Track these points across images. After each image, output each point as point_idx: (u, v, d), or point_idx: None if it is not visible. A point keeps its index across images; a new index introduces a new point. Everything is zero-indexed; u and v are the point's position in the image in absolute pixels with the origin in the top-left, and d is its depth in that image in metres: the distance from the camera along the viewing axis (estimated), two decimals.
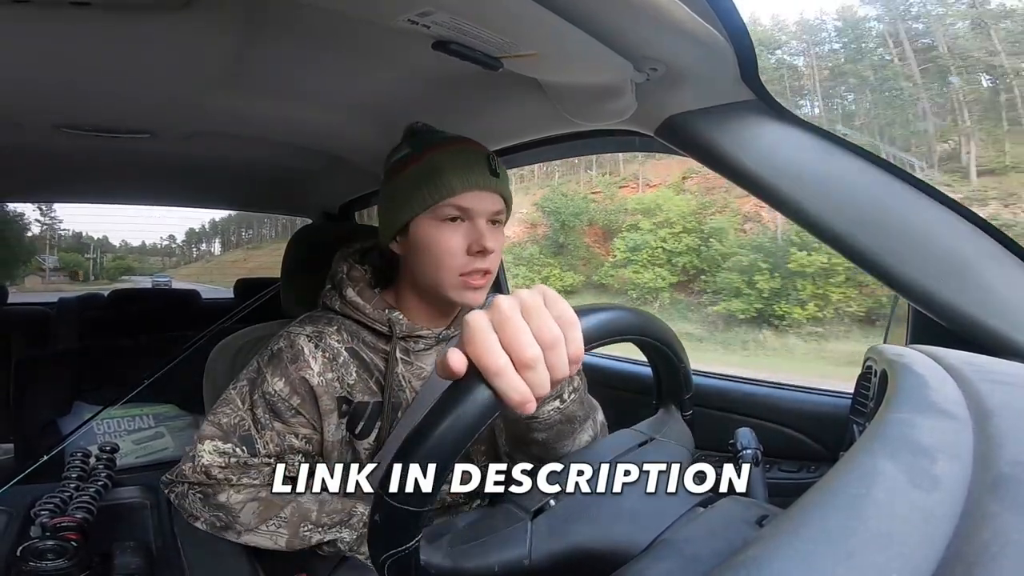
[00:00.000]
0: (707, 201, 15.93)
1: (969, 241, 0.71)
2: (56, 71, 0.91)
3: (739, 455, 0.76)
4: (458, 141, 0.86)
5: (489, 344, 0.41)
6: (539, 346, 0.42)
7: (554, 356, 0.42)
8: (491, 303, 0.44)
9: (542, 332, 0.42)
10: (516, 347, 0.41)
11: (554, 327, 0.43)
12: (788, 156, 0.78)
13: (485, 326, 0.42)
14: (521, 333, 0.42)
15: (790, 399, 1.21)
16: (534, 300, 0.44)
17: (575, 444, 0.77)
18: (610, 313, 0.50)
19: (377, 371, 0.89)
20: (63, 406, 2.10)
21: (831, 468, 0.35)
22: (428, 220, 0.83)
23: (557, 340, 0.42)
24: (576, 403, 0.74)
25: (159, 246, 32.38)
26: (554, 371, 0.42)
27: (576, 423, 0.75)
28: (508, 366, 0.41)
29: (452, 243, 0.82)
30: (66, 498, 0.95)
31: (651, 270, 14.76)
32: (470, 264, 0.82)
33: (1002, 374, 0.51)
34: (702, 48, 0.68)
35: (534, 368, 0.41)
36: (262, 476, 0.86)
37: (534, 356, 0.41)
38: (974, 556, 0.27)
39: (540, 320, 0.43)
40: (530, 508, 0.53)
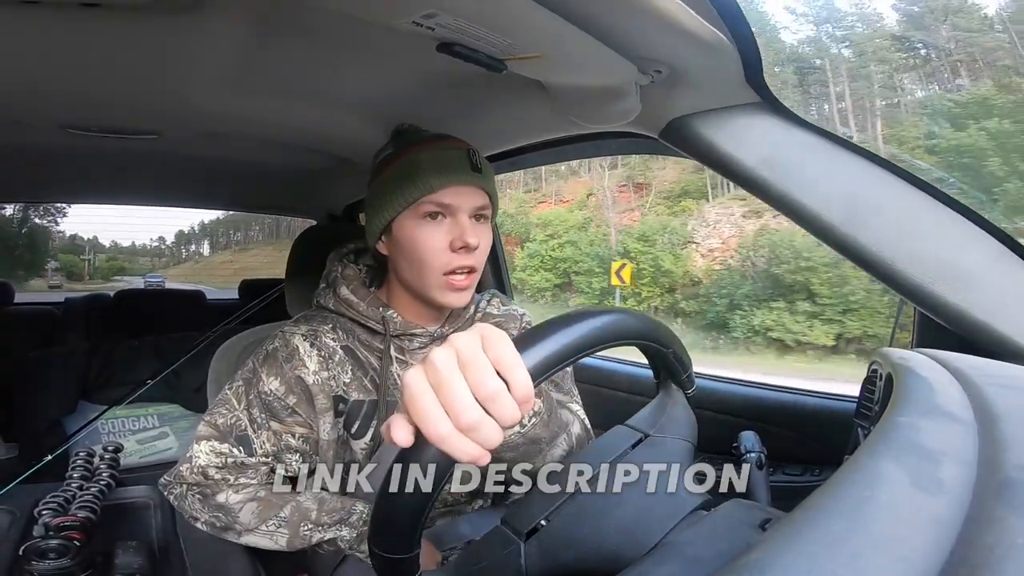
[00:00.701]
0: (591, 216, 19.22)
1: (975, 244, 0.71)
2: (64, 72, 0.92)
3: (743, 458, 0.76)
4: (439, 139, 0.86)
5: (427, 410, 0.40)
6: (479, 403, 0.39)
7: (497, 408, 0.39)
8: (427, 357, 0.42)
9: (480, 388, 0.39)
10: (453, 412, 0.39)
11: (491, 379, 0.40)
12: (793, 158, 0.78)
13: (423, 389, 0.40)
14: (457, 395, 0.39)
15: (794, 402, 1.21)
16: (470, 348, 0.41)
17: (544, 460, 0.77)
18: (558, 336, 0.45)
19: (372, 369, 0.89)
20: (68, 405, 2.12)
21: (835, 471, 0.35)
22: (410, 218, 0.83)
23: (497, 393, 0.39)
24: (539, 426, 0.73)
25: (148, 247, 32.41)
26: (502, 421, 0.40)
27: (542, 443, 0.75)
28: (451, 431, 0.39)
29: (434, 240, 0.82)
30: (69, 497, 0.96)
31: (540, 273, 17.62)
32: (454, 261, 0.82)
33: (1008, 378, 0.51)
34: (706, 50, 0.68)
35: (477, 429, 0.39)
36: (259, 476, 0.86)
37: (472, 421, 0.39)
38: (979, 560, 0.26)
39: (477, 373, 0.40)
40: (523, 530, 0.52)
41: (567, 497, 0.53)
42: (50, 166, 1.65)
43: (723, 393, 1.30)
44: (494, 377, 0.40)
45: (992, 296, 0.68)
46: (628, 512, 0.51)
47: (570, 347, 0.45)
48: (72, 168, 1.71)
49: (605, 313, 0.50)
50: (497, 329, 0.42)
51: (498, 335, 0.42)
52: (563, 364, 0.44)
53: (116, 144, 1.33)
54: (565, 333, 0.45)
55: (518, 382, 0.40)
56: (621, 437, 0.59)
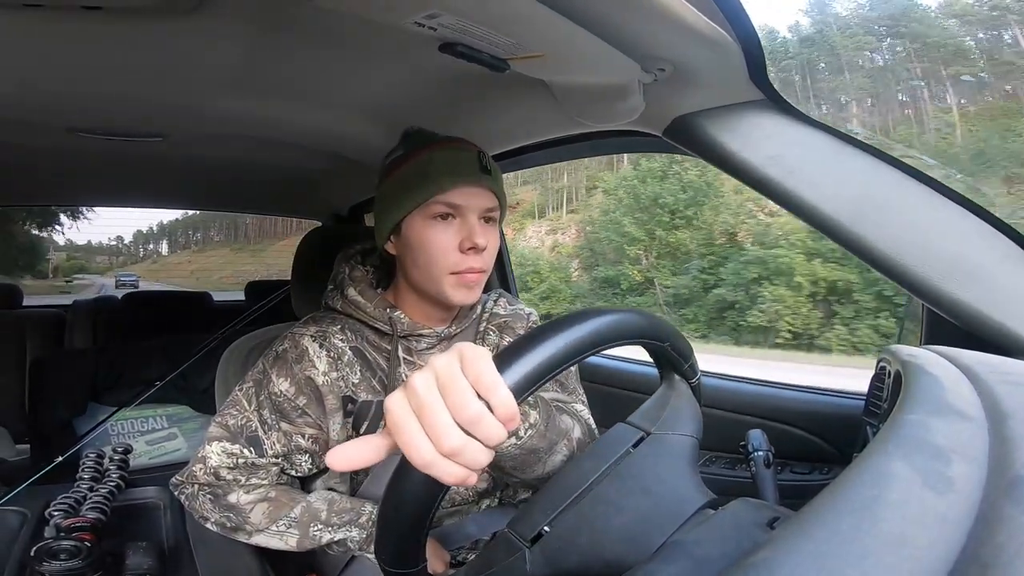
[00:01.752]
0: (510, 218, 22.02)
1: (984, 240, 0.70)
2: (68, 74, 0.92)
3: (750, 456, 0.75)
4: (449, 141, 0.86)
5: (410, 436, 0.39)
6: (461, 428, 0.39)
7: (481, 430, 0.39)
8: (408, 381, 0.41)
9: (460, 412, 0.39)
10: (435, 437, 0.39)
11: (472, 402, 0.39)
12: (798, 156, 0.77)
13: (405, 414, 0.40)
14: (438, 420, 0.39)
15: (802, 400, 1.20)
16: (448, 370, 0.40)
17: (545, 468, 0.77)
18: (541, 349, 0.44)
19: (380, 370, 0.89)
20: (78, 407, 2.13)
21: (844, 470, 0.34)
22: (419, 218, 0.83)
23: (478, 416, 0.39)
24: (536, 437, 0.73)
25: (105, 245, 32.40)
26: (487, 442, 0.39)
27: (540, 452, 0.75)
28: (435, 457, 0.39)
29: (443, 240, 0.82)
30: (80, 499, 0.96)
31: None
32: (463, 262, 0.83)
33: (1018, 375, 0.50)
34: (710, 48, 0.68)
35: (461, 453, 0.39)
36: (270, 476, 0.87)
37: (455, 446, 0.38)
38: (989, 559, 0.26)
39: (456, 396, 0.39)
40: (527, 536, 0.52)
41: (568, 503, 0.53)
42: (56, 169, 1.67)
43: (731, 391, 1.29)
44: (474, 400, 0.39)
45: (1001, 292, 0.68)
46: (629, 517, 0.51)
47: (555, 358, 0.44)
48: (77, 171, 1.72)
49: (591, 317, 0.49)
50: (476, 347, 0.41)
51: (477, 354, 0.41)
52: (548, 377, 0.43)
53: (121, 146, 1.34)
54: (549, 344, 0.44)
55: (499, 402, 0.39)
56: (622, 437, 0.58)
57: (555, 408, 0.83)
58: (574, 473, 0.56)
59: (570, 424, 0.82)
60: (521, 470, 0.76)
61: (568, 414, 0.85)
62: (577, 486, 0.54)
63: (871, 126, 15.05)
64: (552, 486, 0.56)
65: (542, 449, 0.74)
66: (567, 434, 0.79)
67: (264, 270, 29.26)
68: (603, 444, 0.59)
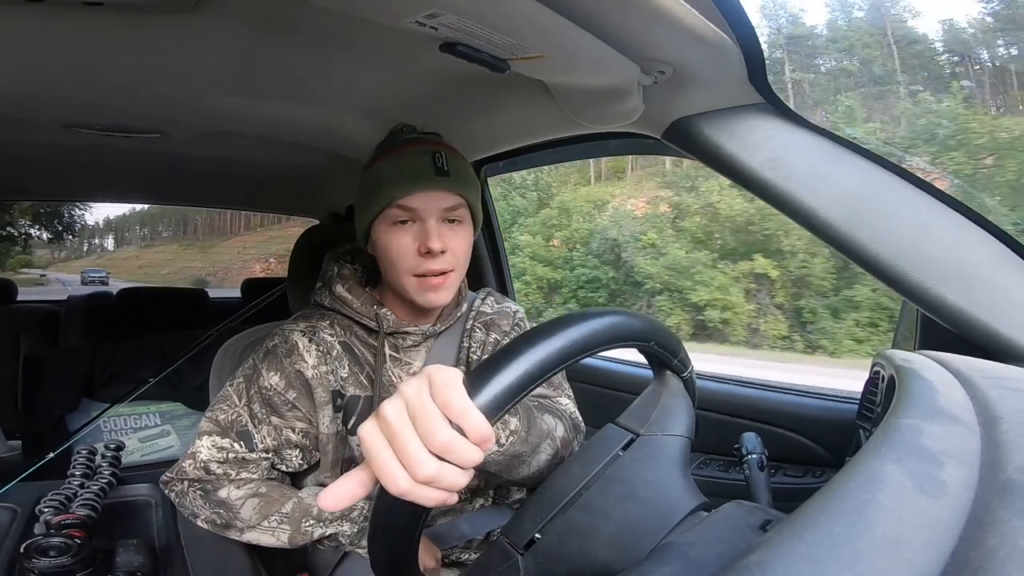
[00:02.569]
0: None
1: (978, 245, 0.71)
2: (67, 71, 0.92)
3: (744, 459, 0.75)
4: (408, 144, 0.86)
5: (384, 465, 0.39)
6: (434, 456, 0.39)
7: (454, 455, 0.39)
8: (379, 409, 0.41)
9: (432, 440, 0.38)
10: (409, 466, 0.39)
11: (443, 429, 0.39)
12: (796, 159, 0.78)
13: (378, 444, 0.40)
14: (410, 449, 0.39)
15: (796, 403, 1.20)
16: (418, 397, 0.40)
17: (530, 468, 0.78)
18: (514, 367, 0.42)
19: (368, 366, 0.90)
20: (71, 403, 2.12)
21: (837, 473, 0.35)
22: (382, 224, 0.85)
23: (450, 443, 0.39)
24: (518, 443, 0.73)
25: (45, 239, 31.41)
26: (463, 464, 0.39)
27: (523, 456, 0.76)
28: (411, 484, 0.39)
29: (401, 244, 0.83)
30: (71, 495, 0.96)
31: None
32: (421, 265, 0.83)
33: (1011, 380, 0.51)
34: (709, 51, 0.68)
35: (437, 480, 0.39)
36: (260, 471, 0.87)
37: (429, 474, 0.38)
38: (980, 562, 0.26)
39: (427, 424, 0.39)
40: (520, 544, 0.52)
41: (557, 511, 0.53)
42: (54, 164, 1.66)
43: (725, 394, 1.29)
44: (444, 427, 0.39)
45: (995, 298, 0.68)
46: (617, 525, 0.51)
47: (528, 376, 0.42)
48: (76, 166, 1.72)
49: (565, 327, 0.46)
50: (447, 370, 0.41)
51: (445, 378, 0.40)
52: (523, 394, 0.43)
53: (119, 143, 1.34)
54: (521, 361, 0.43)
55: (471, 427, 0.39)
56: (611, 439, 0.58)
57: (538, 407, 0.84)
58: (563, 479, 0.55)
59: (552, 424, 0.83)
60: (507, 472, 0.77)
61: (551, 412, 0.85)
62: (566, 493, 0.53)
63: None
64: (542, 493, 0.56)
65: (525, 453, 0.75)
66: (550, 434, 0.80)
67: (211, 267, 29.25)
68: (592, 448, 0.58)
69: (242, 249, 36.84)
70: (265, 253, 35.03)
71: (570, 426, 0.88)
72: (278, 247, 34.33)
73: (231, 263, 34.22)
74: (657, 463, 0.55)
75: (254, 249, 36.00)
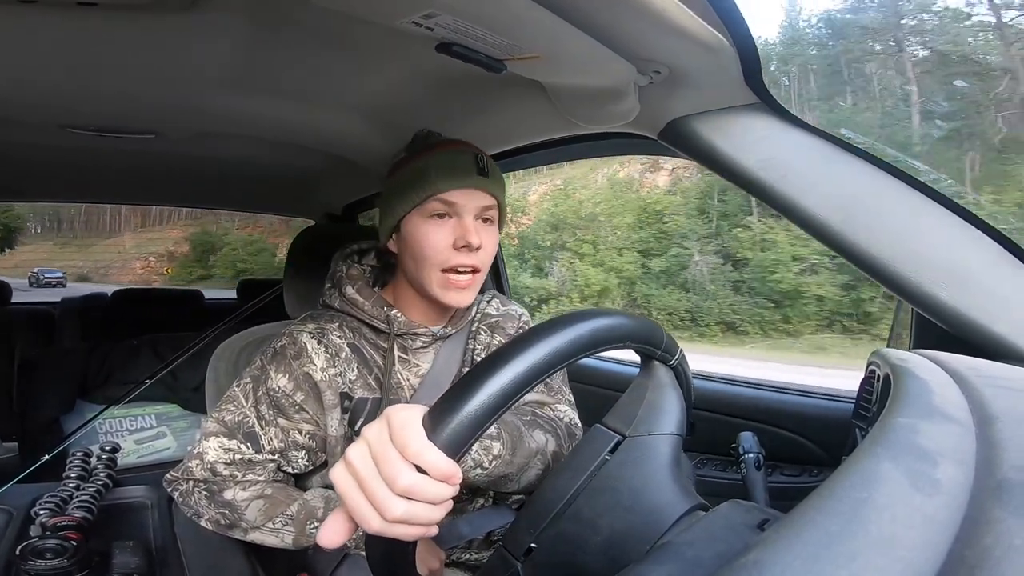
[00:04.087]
0: None
1: (973, 245, 0.71)
2: (62, 71, 0.92)
3: (741, 458, 0.76)
4: (449, 143, 0.88)
5: (356, 508, 0.41)
6: (400, 497, 0.40)
7: (420, 495, 0.40)
8: (346, 453, 0.42)
9: (394, 484, 0.39)
10: (379, 508, 0.40)
11: (405, 473, 0.39)
12: (791, 159, 0.78)
13: (349, 487, 0.41)
14: (376, 493, 0.40)
15: (793, 403, 1.21)
16: (379, 439, 0.41)
17: (520, 484, 0.78)
18: (475, 399, 0.41)
19: (377, 368, 0.90)
20: (66, 405, 2.11)
21: (833, 472, 0.35)
22: (417, 217, 0.85)
23: (413, 485, 0.39)
24: (502, 465, 0.74)
25: None
26: (432, 501, 0.40)
27: (510, 475, 0.76)
28: (385, 524, 0.40)
29: (438, 237, 0.84)
30: (66, 497, 0.95)
31: None
32: (453, 259, 0.84)
33: (1006, 379, 0.51)
34: (705, 51, 0.68)
35: (408, 519, 0.40)
36: (266, 473, 0.87)
37: (398, 515, 0.39)
38: (976, 561, 0.26)
39: (388, 468, 0.40)
40: (519, 552, 0.52)
41: (548, 521, 0.53)
42: (48, 165, 1.65)
43: (722, 393, 1.30)
44: (404, 470, 0.40)
45: (990, 297, 0.68)
46: (606, 536, 0.51)
47: (488, 407, 0.41)
48: (69, 167, 1.71)
49: (525, 347, 0.45)
50: (405, 410, 0.42)
51: (403, 420, 0.41)
52: (487, 425, 0.42)
53: (114, 143, 1.33)
54: (482, 392, 0.41)
55: (431, 467, 0.40)
56: (597, 443, 0.56)
57: (529, 422, 0.83)
58: (553, 487, 0.55)
59: (543, 440, 0.82)
60: (495, 488, 0.78)
61: (542, 427, 0.85)
62: (556, 502, 0.53)
63: None
64: (534, 501, 0.56)
65: (512, 473, 0.76)
66: (540, 451, 0.80)
67: (93, 264, 29.27)
68: (579, 453, 0.57)
69: (123, 249, 36.87)
70: (146, 253, 35.39)
71: (564, 437, 0.88)
72: (158, 247, 34.76)
73: (112, 262, 34.35)
74: (645, 467, 0.54)
75: (135, 249, 36.14)
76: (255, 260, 26.21)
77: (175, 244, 34.21)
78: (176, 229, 34.81)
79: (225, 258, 27.53)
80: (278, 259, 25.28)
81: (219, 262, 27.77)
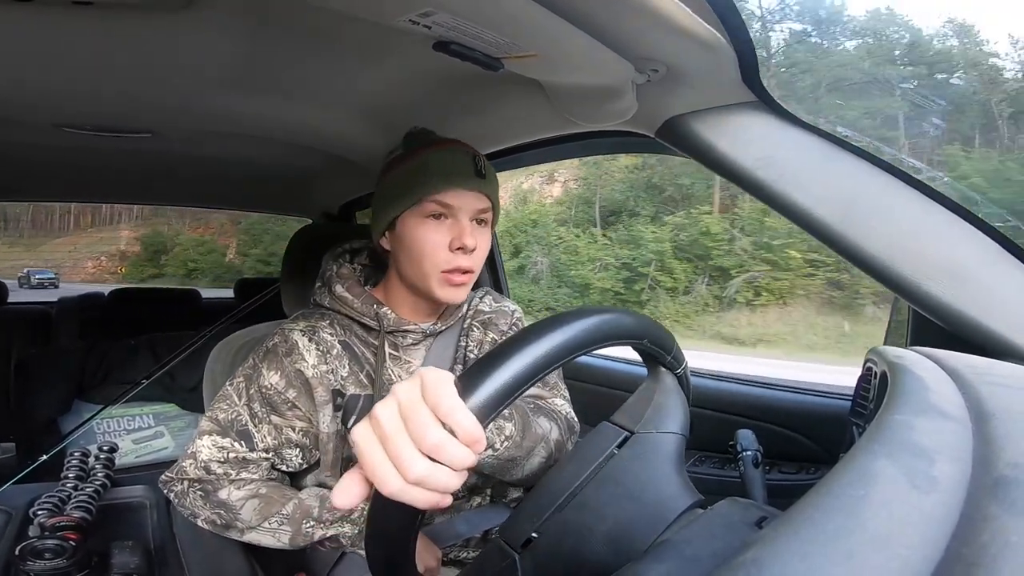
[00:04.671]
0: None
1: (970, 242, 0.71)
2: (58, 70, 0.91)
3: (739, 456, 0.76)
4: (447, 142, 0.88)
5: (376, 466, 0.40)
6: (424, 456, 0.39)
7: (445, 456, 0.39)
8: (372, 410, 0.42)
9: (422, 441, 0.39)
10: (400, 467, 0.39)
11: (432, 431, 0.39)
12: (789, 157, 0.78)
13: (370, 445, 0.41)
14: (401, 450, 0.39)
15: (790, 400, 1.21)
16: (409, 397, 0.41)
17: (524, 472, 0.79)
18: (505, 369, 0.42)
19: (368, 365, 0.90)
20: (64, 405, 2.11)
21: (830, 470, 0.35)
22: (413, 216, 0.85)
23: (441, 444, 0.39)
24: (512, 447, 0.74)
25: None
26: (454, 466, 0.40)
27: (518, 460, 0.76)
28: (403, 486, 0.39)
29: (435, 238, 0.84)
30: (65, 497, 0.95)
31: None
32: (452, 261, 0.84)
33: (1002, 376, 0.51)
34: (703, 49, 0.68)
35: (427, 480, 0.39)
36: (260, 471, 0.87)
37: (420, 474, 0.39)
38: (973, 558, 0.27)
39: (417, 424, 0.39)
40: (517, 543, 0.52)
41: (552, 510, 0.53)
42: (44, 164, 1.65)
43: (720, 391, 1.30)
44: (435, 427, 0.39)
45: (987, 294, 0.69)
46: (611, 524, 0.51)
47: (520, 377, 0.42)
48: (66, 167, 1.70)
49: (558, 326, 0.46)
50: (438, 372, 0.42)
51: (437, 379, 0.41)
52: (515, 396, 0.42)
53: (110, 143, 1.33)
54: (514, 362, 0.42)
55: (462, 427, 0.39)
56: (606, 437, 0.57)
57: (533, 410, 0.84)
58: (558, 478, 0.55)
59: (547, 427, 0.83)
60: (500, 474, 0.78)
61: (545, 415, 0.86)
62: (561, 492, 0.53)
63: None
64: (538, 491, 0.56)
65: (519, 457, 0.77)
66: (544, 438, 0.81)
67: (43, 263, 29.45)
68: (586, 446, 0.58)
69: (73, 248, 36.95)
70: (97, 252, 35.68)
71: (565, 428, 0.89)
72: (108, 247, 35.05)
73: (63, 261, 34.44)
74: (651, 461, 0.55)
75: (86, 249, 36.34)
76: (205, 260, 26.94)
77: (127, 244, 34.26)
78: (128, 229, 34.81)
79: (176, 258, 28.14)
80: (227, 259, 26.95)
81: (170, 261, 28.33)
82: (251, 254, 23.92)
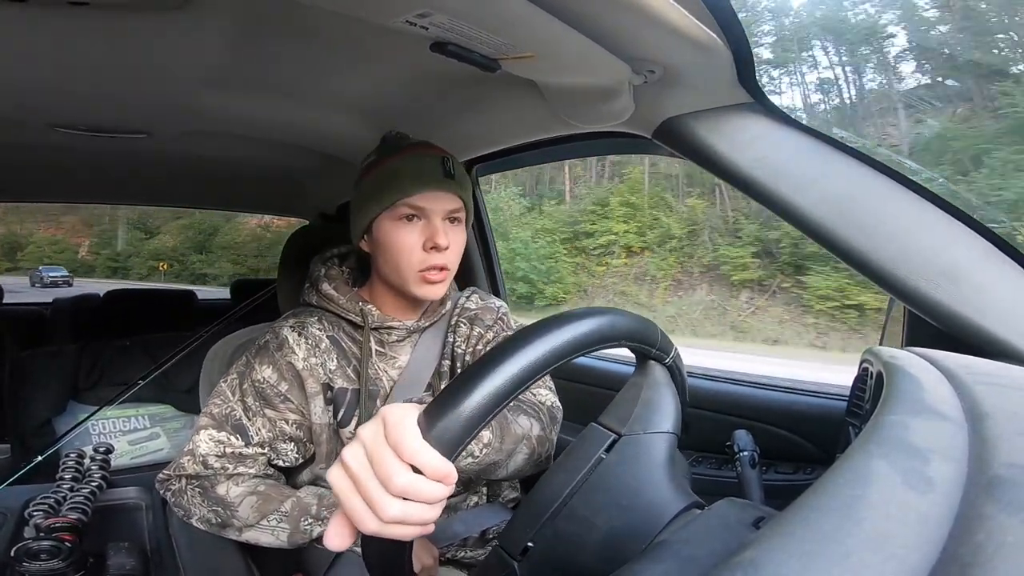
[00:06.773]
0: None
1: (965, 243, 0.71)
2: (53, 71, 0.91)
3: (736, 457, 0.76)
4: (418, 146, 0.91)
5: (353, 511, 0.40)
6: (395, 497, 0.39)
7: (416, 495, 0.39)
8: (340, 456, 0.42)
9: (389, 484, 0.39)
10: (375, 509, 0.39)
11: (398, 474, 0.39)
12: (784, 158, 0.78)
13: (345, 488, 0.41)
14: (372, 494, 0.40)
15: (787, 401, 1.21)
16: (373, 440, 0.41)
17: (508, 470, 0.80)
18: (473, 397, 0.40)
19: (355, 359, 0.93)
20: (58, 406, 2.10)
21: (827, 470, 0.35)
22: (387, 219, 0.88)
23: (407, 486, 0.39)
24: (492, 452, 0.75)
25: None
26: (428, 501, 0.40)
27: (500, 462, 0.77)
28: (382, 525, 0.40)
29: (408, 240, 0.87)
30: (60, 499, 0.95)
31: None
32: (427, 260, 0.87)
33: (997, 376, 0.51)
34: (699, 51, 0.68)
35: (404, 519, 0.39)
36: (257, 466, 0.88)
37: (395, 515, 0.39)
38: (969, 558, 0.27)
39: (384, 468, 0.39)
40: (515, 551, 0.52)
41: (544, 520, 0.52)
42: (39, 165, 1.64)
43: (717, 391, 1.30)
44: (400, 470, 0.39)
45: (981, 295, 0.69)
46: (602, 535, 0.50)
47: (486, 405, 0.41)
48: (61, 167, 1.69)
49: (521, 346, 0.44)
50: (401, 410, 0.41)
51: (398, 419, 0.40)
52: (481, 426, 0.41)
53: (106, 143, 1.32)
54: (477, 393, 0.41)
55: (428, 467, 0.39)
56: (593, 441, 0.56)
57: (513, 408, 0.84)
58: (548, 486, 0.54)
59: (527, 425, 0.83)
60: (484, 476, 0.80)
61: (525, 412, 0.85)
62: (551, 501, 0.53)
63: None
64: (531, 500, 0.55)
65: (500, 460, 0.77)
66: (525, 436, 0.81)
67: None
68: (575, 451, 0.56)
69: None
70: None
71: (547, 420, 0.88)
72: None
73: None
74: (641, 465, 0.54)
75: None
76: (60, 258, 27.91)
77: None
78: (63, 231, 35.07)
79: (31, 255, 28.99)
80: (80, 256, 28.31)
81: (24, 258, 29.26)
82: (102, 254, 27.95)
